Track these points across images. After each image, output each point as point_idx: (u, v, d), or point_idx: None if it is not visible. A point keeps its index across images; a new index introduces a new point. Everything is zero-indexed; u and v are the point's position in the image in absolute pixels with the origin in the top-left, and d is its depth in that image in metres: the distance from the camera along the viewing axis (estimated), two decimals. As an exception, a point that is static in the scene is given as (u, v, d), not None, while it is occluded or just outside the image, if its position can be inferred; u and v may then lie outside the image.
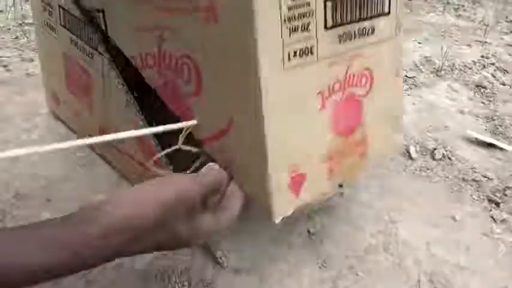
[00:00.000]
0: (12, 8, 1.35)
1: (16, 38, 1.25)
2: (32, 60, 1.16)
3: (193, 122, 0.52)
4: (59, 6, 0.79)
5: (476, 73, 1.32)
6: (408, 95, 1.19)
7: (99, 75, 0.74)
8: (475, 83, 1.26)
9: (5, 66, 1.13)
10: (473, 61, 1.37)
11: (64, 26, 0.80)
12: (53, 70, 0.89)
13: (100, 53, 0.71)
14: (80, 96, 0.82)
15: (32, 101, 1.00)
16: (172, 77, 0.55)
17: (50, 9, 0.83)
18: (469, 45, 1.48)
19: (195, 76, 0.52)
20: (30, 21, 1.29)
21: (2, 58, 1.15)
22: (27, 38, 1.24)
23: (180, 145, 0.52)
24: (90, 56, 0.74)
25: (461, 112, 1.14)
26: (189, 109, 0.54)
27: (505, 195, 0.87)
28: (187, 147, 0.53)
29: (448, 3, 1.83)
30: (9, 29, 1.28)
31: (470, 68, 1.34)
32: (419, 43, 1.46)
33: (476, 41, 1.53)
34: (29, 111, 0.96)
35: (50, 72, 0.93)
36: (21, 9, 1.36)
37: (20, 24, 1.31)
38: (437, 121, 1.08)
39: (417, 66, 1.32)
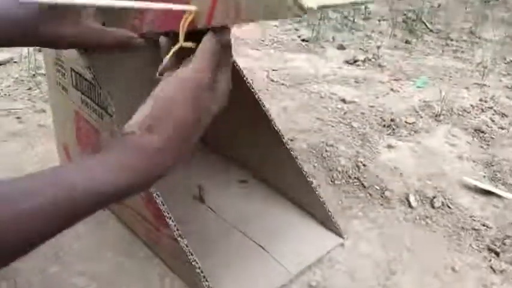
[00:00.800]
0: (27, 59, 1.41)
1: (29, 89, 1.30)
2: (43, 111, 1.20)
3: (192, 7, 0.50)
4: (71, 69, 0.84)
5: (475, 117, 1.35)
6: (408, 141, 1.22)
7: (109, 135, 0.78)
8: (474, 127, 1.29)
9: (18, 118, 1.17)
10: (471, 105, 1.40)
11: (76, 87, 0.84)
12: (64, 125, 0.94)
13: (110, 114, 0.75)
14: (89, 153, 0.86)
15: (44, 152, 1.04)
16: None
17: (63, 71, 0.87)
18: (467, 88, 1.52)
19: None
20: (43, 71, 1.35)
21: (15, 110, 1.20)
22: (40, 89, 1.30)
23: (181, 43, 0.51)
24: (100, 116, 0.79)
25: (460, 158, 1.17)
26: None
27: (504, 244, 0.89)
28: (189, 44, 0.52)
29: (446, 44, 1.88)
30: (22, 81, 1.33)
31: (468, 112, 1.37)
32: (418, 87, 1.50)
33: (475, 83, 1.56)
34: (41, 163, 1.00)
35: (61, 126, 0.97)
36: (35, 59, 1.41)
37: (33, 75, 1.36)
38: (437, 167, 1.11)
39: (416, 112, 1.35)
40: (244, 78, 0.90)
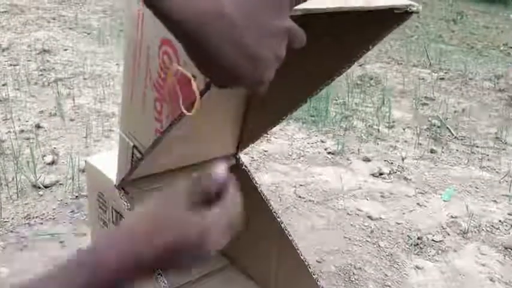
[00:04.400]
0: (71, 181, 1.53)
1: (72, 211, 1.40)
2: (84, 234, 1.28)
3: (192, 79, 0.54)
4: (112, 207, 0.92)
5: (505, 233, 1.34)
6: (436, 261, 1.22)
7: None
8: (504, 245, 1.29)
9: (61, 242, 1.25)
10: (500, 220, 1.40)
11: (115, 224, 0.92)
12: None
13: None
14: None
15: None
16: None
17: (104, 208, 0.96)
18: (495, 201, 1.53)
19: None
20: (86, 193, 1.45)
21: (59, 234, 1.28)
22: (81, 211, 1.39)
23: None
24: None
25: (491, 280, 1.16)
26: None
27: None
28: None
29: (472, 152, 1.91)
30: (66, 203, 1.44)
31: (497, 228, 1.37)
32: (444, 201, 1.52)
33: (503, 195, 1.57)
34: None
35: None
36: (78, 180, 1.53)
37: (76, 197, 1.47)
38: (467, 292, 1.10)
39: (443, 228, 1.36)
40: (269, 206, 0.96)
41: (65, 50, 2.89)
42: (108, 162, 0.94)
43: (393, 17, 0.63)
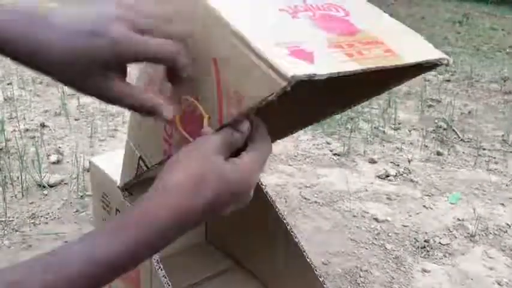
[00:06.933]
0: (75, 180, 1.52)
1: (76, 211, 1.39)
2: (89, 234, 1.28)
3: (206, 116, 0.52)
4: (116, 209, 0.92)
5: (512, 237, 1.33)
6: (443, 264, 1.21)
7: (148, 272, 0.82)
8: (512, 248, 1.27)
9: (66, 242, 1.25)
10: (507, 224, 1.39)
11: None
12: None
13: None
14: (131, 286, 0.90)
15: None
16: None
17: (109, 209, 0.95)
18: (502, 204, 1.52)
19: None
20: (90, 193, 1.45)
21: (64, 233, 1.28)
22: (86, 211, 1.39)
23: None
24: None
25: (499, 283, 1.14)
26: None
27: None
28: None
29: (479, 155, 1.90)
30: (71, 203, 1.43)
31: (505, 232, 1.35)
32: (451, 203, 1.51)
33: (510, 198, 1.56)
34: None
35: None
36: (83, 179, 1.52)
37: (81, 197, 1.46)
38: (474, 296, 1.09)
39: (450, 231, 1.35)
40: (275, 207, 0.95)
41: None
42: (112, 163, 0.93)
43: (416, 69, 0.56)
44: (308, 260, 0.91)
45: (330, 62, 0.47)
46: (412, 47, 0.57)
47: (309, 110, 0.74)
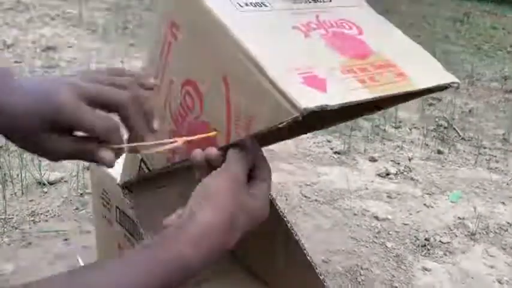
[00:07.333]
0: (75, 178, 1.52)
1: (76, 209, 1.39)
2: (89, 232, 1.27)
3: (213, 132, 0.54)
4: (116, 206, 0.91)
5: (513, 235, 1.33)
6: (444, 262, 1.21)
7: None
8: (512, 247, 1.27)
9: (66, 239, 1.25)
10: (508, 222, 1.39)
11: (120, 223, 0.91)
12: (107, 255, 0.99)
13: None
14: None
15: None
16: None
17: (109, 207, 0.95)
18: (503, 203, 1.51)
19: None
20: (90, 190, 1.44)
21: (64, 231, 1.27)
22: (86, 209, 1.38)
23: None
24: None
25: (500, 282, 1.14)
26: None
27: None
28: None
29: (479, 153, 1.90)
30: (70, 200, 1.43)
31: (505, 230, 1.35)
32: (451, 202, 1.51)
33: (511, 197, 1.56)
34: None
35: (104, 254, 1.03)
36: (83, 177, 1.52)
37: (81, 195, 1.46)
38: (475, 295, 1.09)
39: (451, 230, 1.35)
40: (275, 205, 0.95)
41: (70, 47, 2.89)
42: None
43: (423, 91, 0.56)
44: (308, 258, 0.91)
45: (341, 90, 0.47)
46: (424, 70, 0.57)
47: (311, 123, 0.74)
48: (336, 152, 1.83)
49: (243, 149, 0.52)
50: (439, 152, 1.89)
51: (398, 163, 1.77)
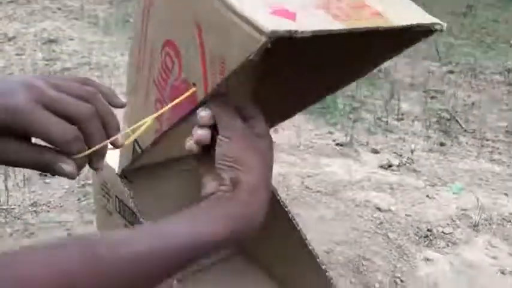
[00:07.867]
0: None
1: (78, 199, 1.39)
2: (91, 222, 1.27)
3: (192, 88, 0.54)
4: (116, 196, 0.91)
5: (516, 226, 1.32)
6: (446, 253, 1.20)
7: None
8: (515, 238, 1.27)
9: (67, 229, 1.25)
10: (511, 213, 1.38)
11: (119, 213, 0.91)
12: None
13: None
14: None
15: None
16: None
17: (109, 197, 0.94)
18: (506, 194, 1.51)
19: None
20: (91, 181, 1.44)
21: (66, 222, 1.27)
22: (88, 200, 1.38)
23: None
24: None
25: (503, 272, 1.14)
26: None
27: None
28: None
29: (482, 145, 1.89)
30: (72, 191, 1.43)
31: (508, 221, 1.35)
32: (454, 193, 1.50)
33: (513, 188, 1.55)
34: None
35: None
36: (85, 168, 1.52)
37: (83, 185, 1.46)
38: (478, 285, 1.08)
39: (453, 221, 1.34)
40: (277, 195, 0.94)
41: (71, 40, 2.88)
42: (111, 151, 0.93)
43: (409, 36, 0.55)
44: (310, 248, 0.90)
45: (313, 21, 0.45)
46: (402, 12, 0.54)
47: (301, 92, 0.74)
48: (338, 144, 1.82)
49: (222, 98, 0.52)
50: (442, 144, 1.88)
51: (401, 155, 1.76)
